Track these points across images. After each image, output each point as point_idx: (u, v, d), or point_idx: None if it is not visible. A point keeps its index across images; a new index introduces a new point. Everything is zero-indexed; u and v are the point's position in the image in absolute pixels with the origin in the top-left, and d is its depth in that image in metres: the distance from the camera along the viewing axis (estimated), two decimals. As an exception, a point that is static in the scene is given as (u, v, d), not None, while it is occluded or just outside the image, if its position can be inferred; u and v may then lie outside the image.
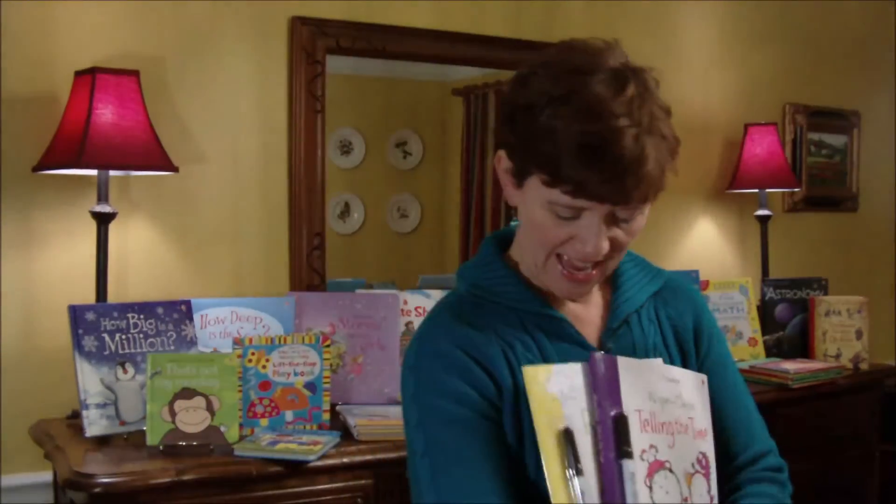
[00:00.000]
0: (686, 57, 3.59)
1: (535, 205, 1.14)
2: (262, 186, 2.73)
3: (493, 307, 1.23)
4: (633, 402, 1.09)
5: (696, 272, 3.20)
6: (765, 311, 3.26)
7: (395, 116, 3.18)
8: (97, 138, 2.22)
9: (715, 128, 3.66)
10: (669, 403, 1.12)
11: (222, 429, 2.08)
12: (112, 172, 2.35)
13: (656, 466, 1.09)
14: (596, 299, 1.26)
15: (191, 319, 2.29)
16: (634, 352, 1.23)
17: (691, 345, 1.29)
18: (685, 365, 1.27)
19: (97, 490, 1.86)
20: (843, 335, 3.17)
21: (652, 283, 1.29)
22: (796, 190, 3.80)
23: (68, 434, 2.18)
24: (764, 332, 3.21)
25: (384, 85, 3.16)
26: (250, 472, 1.98)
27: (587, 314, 1.25)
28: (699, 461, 1.13)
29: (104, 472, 1.90)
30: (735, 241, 3.74)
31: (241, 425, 2.14)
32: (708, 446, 1.14)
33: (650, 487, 1.07)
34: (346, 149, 3.06)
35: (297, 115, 2.75)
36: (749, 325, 3.15)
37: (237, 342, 2.23)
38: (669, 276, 1.33)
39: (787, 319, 3.28)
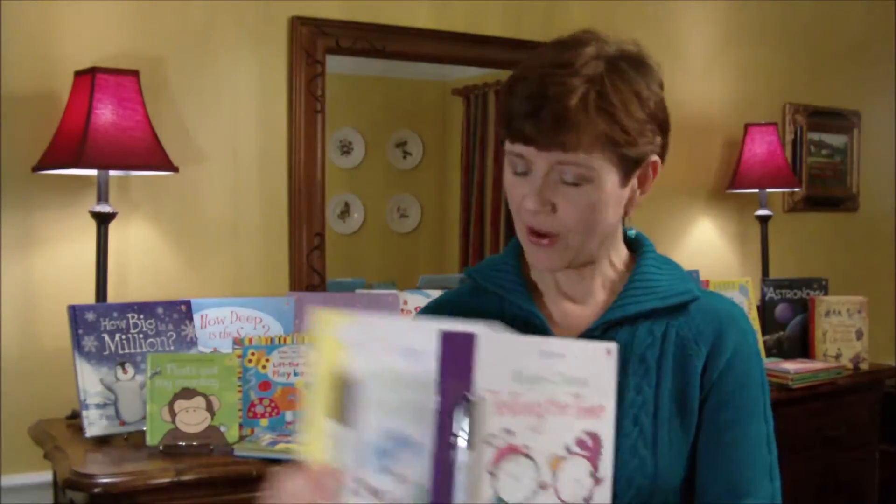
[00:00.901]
0: (686, 57, 3.59)
1: (505, 170, 1.17)
2: (262, 186, 2.73)
3: (484, 296, 1.25)
4: (488, 382, 1.02)
5: (696, 272, 3.20)
6: (765, 311, 3.26)
7: (395, 116, 3.18)
8: (97, 138, 2.22)
9: (715, 128, 3.66)
10: (543, 382, 1.04)
11: (222, 429, 2.08)
12: (112, 172, 2.35)
13: (507, 452, 1.03)
14: (597, 299, 1.24)
15: (191, 319, 2.29)
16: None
17: (695, 372, 1.18)
18: (683, 393, 1.18)
19: (97, 490, 1.86)
20: (843, 335, 3.17)
21: (669, 298, 1.20)
22: (796, 190, 3.80)
23: (68, 434, 2.18)
24: (764, 332, 3.21)
25: (384, 85, 3.16)
26: (250, 472, 1.98)
27: (581, 314, 1.23)
28: (580, 442, 1.06)
29: (104, 472, 1.90)
30: (735, 241, 3.74)
31: (241, 425, 2.14)
32: (602, 424, 1.06)
33: (493, 474, 1.02)
34: (346, 149, 3.06)
35: (297, 115, 2.75)
36: (749, 325, 3.15)
37: (237, 342, 2.23)
38: (710, 298, 1.24)
39: (788, 319, 3.28)
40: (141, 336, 2.20)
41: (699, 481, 1.18)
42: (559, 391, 1.05)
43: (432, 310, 1.32)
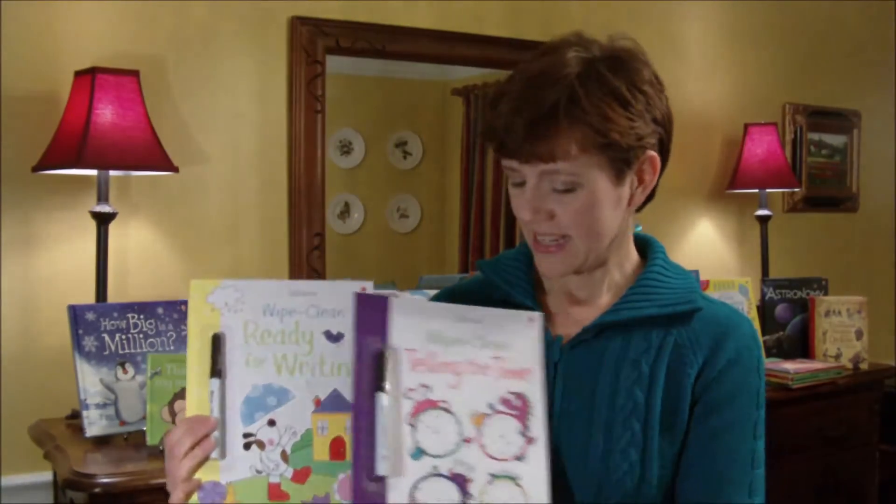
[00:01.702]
0: (686, 57, 3.59)
1: (509, 183, 1.19)
2: (262, 186, 2.73)
3: (492, 289, 1.26)
4: (404, 341, 1.09)
5: (697, 272, 3.20)
6: (765, 311, 3.26)
7: (395, 116, 3.18)
8: (97, 138, 2.22)
9: (715, 128, 3.66)
10: (461, 343, 1.10)
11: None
12: (112, 172, 2.35)
13: (426, 405, 1.09)
14: (601, 302, 1.23)
15: (191, 319, 2.29)
16: (602, 362, 1.17)
17: (688, 381, 1.16)
18: (675, 401, 1.15)
19: (97, 490, 1.86)
20: (843, 335, 3.17)
21: (670, 306, 1.18)
22: (796, 190, 3.80)
23: (68, 434, 2.18)
24: (764, 332, 3.21)
25: (384, 85, 3.16)
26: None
27: (583, 315, 1.22)
28: (505, 401, 1.10)
29: (104, 472, 1.90)
30: (735, 241, 3.74)
31: (241, 425, 2.13)
32: (530, 386, 1.11)
33: (413, 426, 1.08)
34: (346, 149, 3.06)
35: (297, 115, 2.75)
36: (749, 325, 3.15)
37: (237, 342, 2.22)
38: (715, 308, 1.21)
39: (787, 319, 3.28)
40: (141, 336, 2.20)
41: (678, 485, 1.17)
42: (479, 353, 1.11)
43: (443, 298, 1.34)
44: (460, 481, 1.07)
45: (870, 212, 4.19)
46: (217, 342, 1.11)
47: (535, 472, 1.08)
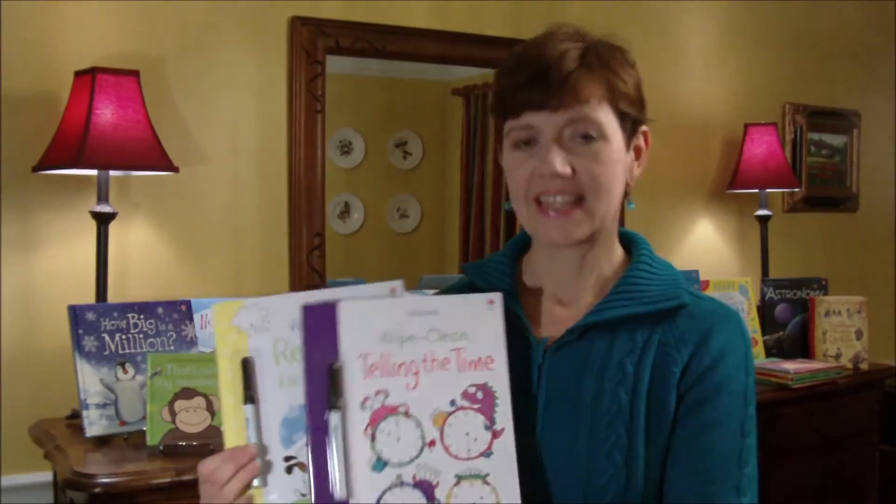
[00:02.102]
0: (686, 57, 3.59)
1: (507, 152, 1.18)
2: (262, 186, 2.73)
3: (474, 291, 1.23)
4: (356, 346, 1.05)
5: (696, 272, 3.20)
6: (765, 311, 3.26)
7: (395, 116, 3.18)
8: (97, 138, 2.22)
9: (715, 128, 3.66)
10: (416, 340, 1.06)
11: (222, 429, 2.08)
12: (112, 172, 2.35)
13: (384, 413, 1.04)
14: (585, 302, 1.21)
15: (191, 319, 2.29)
16: (586, 363, 1.16)
17: (673, 381, 1.14)
18: (659, 402, 1.14)
19: (97, 490, 1.86)
20: (843, 335, 3.17)
21: (655, 304, 1.17)
22: (796, 190, 3.80)
23: (68, 434, 2.18)
24: (764, 332, 3.21)
25: (384, 85, 3.16)
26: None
27: (567, 316, 1.21)
28: (467, 395, 1.06)
29: (104, 472, 1.90)
30: (735, 241, 3.74)
31: (241, 425, 2.13)
32: (493, 375, 1.07)
33: (372, 437, 1.03)
34: (346, 149, 3.06)
35: (297, 115, 2.75)
36: (749, 326, 3.15)
37: (237, 342, 2.22)
38: (701, 304, 1.19)
39: (787, 319, 3.28)
40: (141, 336, 2.20)
41: (665, 486, 1.15)
42: (436, 347, 1.06)
43: None
44: (425, 487, 1.04)
45: (870, 212, 4.19)
46: (247, 367, 1.06)
47: (504, 466, 1.06)
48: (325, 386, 1.03)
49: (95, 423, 2.10)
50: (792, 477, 2.88)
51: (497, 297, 1.09)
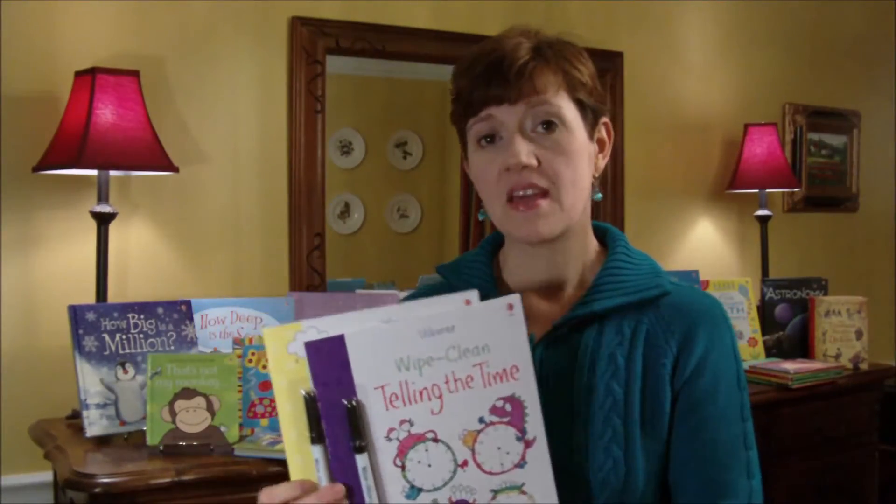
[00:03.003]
0: (686, 57, 3.59)
1: (472, 154, 1.19)
2: (262, 186, 2.73)
3: (452, 291, 1.23)
4: (372, 380, 0.99)
5: (696, 272, 3.20)
6: (765, 311, 3.26)
7: (395, 116, 3.18)
8: (97, 138, 2.22)
9: (715, 128, 3.66)
10: (434, 361, 1.00)
11: (222, 429, 2.08)
12: (112, 172, 2.35)
13: (411, 441, 1.00)
14: (567, 295, 1.22)
15: (191, 319, 2.29)
16: (576, 358, 1.16)
17: (663, 371, 1.15)
18: (653, 391, 1.15)
19: (97, 490, 1.86)
20: (843, 335, 3.17)
21: (638, 293, 1.18)
22: (796, 190, 3.80)
23: (68, 434, 2.18)
24: (764, 333, 3.21)
25: (384, 85, 3.16)
26: (250, 472, 1.98)
27: (550, 311, 1.21)
28: (497, 409, 1.01)
29: (104, 472, 1.90)
30: (735, 241, 3.74)
31: (241, 425, 2.14)
32: (520, 385, 1.02)
33: (402, 466, 0.99)
34: (346, 149, 3.06)
35: (297, 115, 2.75)
36: (749, 326, 3.15)
37: (237, 342, 2.22)
38: (683, 292, 1.21)
39: (787, 319, 3.28)
40: (141, 336, 2.20)
41: (674, 481, 1.16)
42: (457, 366, 1.01)
43: None
44: None
45: (870, 212, 4.18)
46: (310, 404, 0.98)
47: (539, 472, 1.03)
48: (344, 426, 0.98)
49: (95, 423, 2.10)
50: (792, 477, 2.88)
51: (516, 299, 1.02)
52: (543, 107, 1.13)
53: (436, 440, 1.00)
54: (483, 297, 1.10)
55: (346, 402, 0.98)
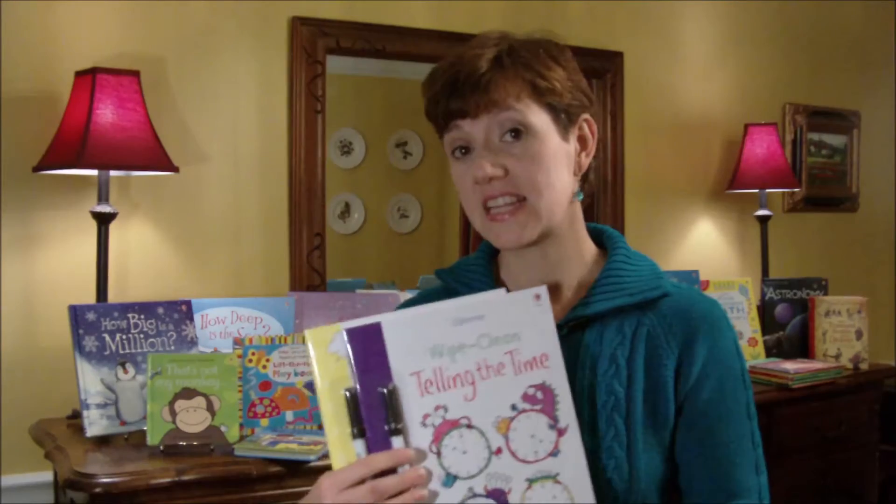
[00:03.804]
0: (686, 57, 3.59)
1: (451, 162, 1.19)
2: (262, 186, 2.73)
3: (454, 296, 1.22)
4: (407, 366, 1.02)
5: (696, 272, 3.20)
6: (765, 311, 3.26)
7: (395, 116, 3.18)
8: (97, 138, 2.22)
9: (715, 128, 3.66)
10: (467, 349, 1.03)
11: (223, 429, 2.08)
12: (112, 172, 2.35)
13: (446, 427, 1.02)
14: (566, 297, 1.22)
15: (191, 319, 2.29)
16: (577, 358, 1.17)
17: (666, 372, 1.16)
18: (655, 392, 1.16)
19: (97, 490, 1.86)
20: (843, 335, 3.17)
21: (638, 294, 1.19)
22: (796, 190, 3.80)
23: (68, 434, 2.18)
24: (764, 333, 3.21)
25: (384, 85, 3.16)
26: (250, 472, 1.98)
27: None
28: (528, 397, 1.04)
29: (104, 472, 1.90)
30: (735, 241, 3.74)
31: (241, 425, 2.14)
32: (550, 373, 1.05)
33: (438, 453, 1.02)
34: (346, 149, 3.06)
35: (297, 115, 2.75)
36: (749, 326, 3.15)
37: (237, 342, 2.22)
38: (682, 294, 1.22)
39: (787, 319, 3.28)
40: (141, 336, 2.20)
41: (685, 483, 1.17)
42: (488, 353, 1.04)
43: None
44: (498, 496, 1.02)
45: (870, 212, 4.19)
46: (353, 400, 1.02)
47: (573, 462, 1.04)
48: (381, 410, 1.01)
49: (96, 423, 2.10)
50: (792, 477, 2.88)
51: (543, 290, 1.06)
52: (507, 114, 1.13)
53: (470, 426, 1.03)
54: None
55: (382, 389, 1.01)
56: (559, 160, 1.16)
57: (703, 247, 3.65)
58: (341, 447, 1.02)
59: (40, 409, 2.35)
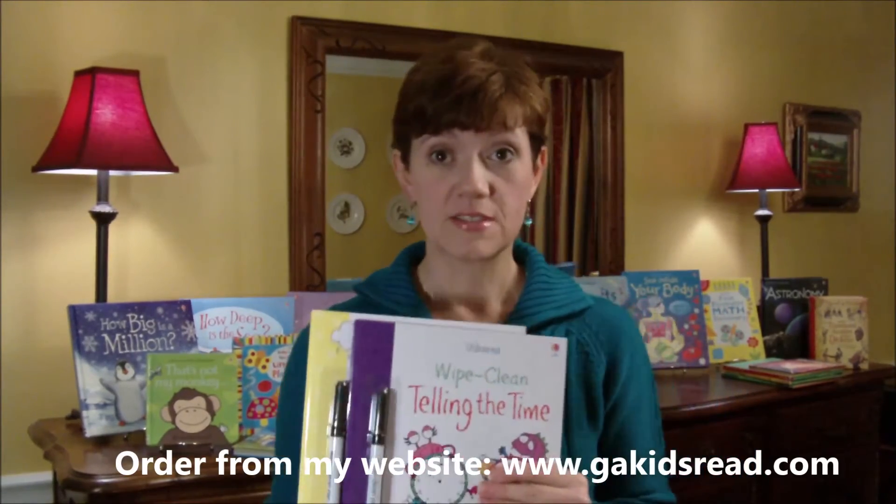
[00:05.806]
0: (686, 57, 3.59)
1: (420, 167, 1.18)
2: (262, 186, 2.73)
3: (376, 311, 1.23)
4: (409, 376, 0.98)
5: (697, 272, 3.20)
6: (765, 311, 3.26)
7: (395, 116, 3.17)
8: (97, 138, 2.22)
9: (715, 128, 3.66)
10: (473, 378, 0.99)
11: (222, 429, 2.08)
12: (112, 172, 2.35)
13: (429, 451, 0.98)
14: (494, 309, 1.24)
15: (191, 319, 2.29)
16: None
17: (598, 379, 1.22)
18: (589, 398, 1.21)
19: (97, 490, 1.86)
20: (843, 335, 3.17)
21: (566, 307, 1.24)
22: (796, 190, 3.80)
23: (68, 434, 2.18)
24: (764, 332, 3.21)
25: (384, 85, 3.15)
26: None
27: (479, 323, 1.22)
28: (519, 444, 1.00)
29: (104, 472, 1.90)
30: (735, 241, 3.74)
31: (241, 425, 2.14)
32: (547, 426, 1.01)
33: (413, 475, 0.98)
34: (346, 149, 3.06)
35: (297, 115, 2.75)
36: (749, 326, 3.15)
37: (237, 342, 2.22)
38: (601, 306, 1.29)
39: (787, 319, 3.28)
40: (141, 336, 2.20)
41: (611, 473, 1.24)
42: (493, 389, 1.00)
43: None
44: None
45: (870, 212, 4.19)
46: (343, 395, 0.97)
47: None
48: (368, 412, 0.97)
49: (95, 423, 2.10)
50: (792, 477, 2.88)
51: (562, 342, 1.03)
52: (504, 135, 1.15)
53: (452, 456, 0.99)
54: (410, 312, 1.14)
55: (378, 388, 0.98)
56: (528, 186, 1.21)
57: (703, 247, 3.65)
58: (315, 440, 0.98)
59: (40, 409, 2.35)
